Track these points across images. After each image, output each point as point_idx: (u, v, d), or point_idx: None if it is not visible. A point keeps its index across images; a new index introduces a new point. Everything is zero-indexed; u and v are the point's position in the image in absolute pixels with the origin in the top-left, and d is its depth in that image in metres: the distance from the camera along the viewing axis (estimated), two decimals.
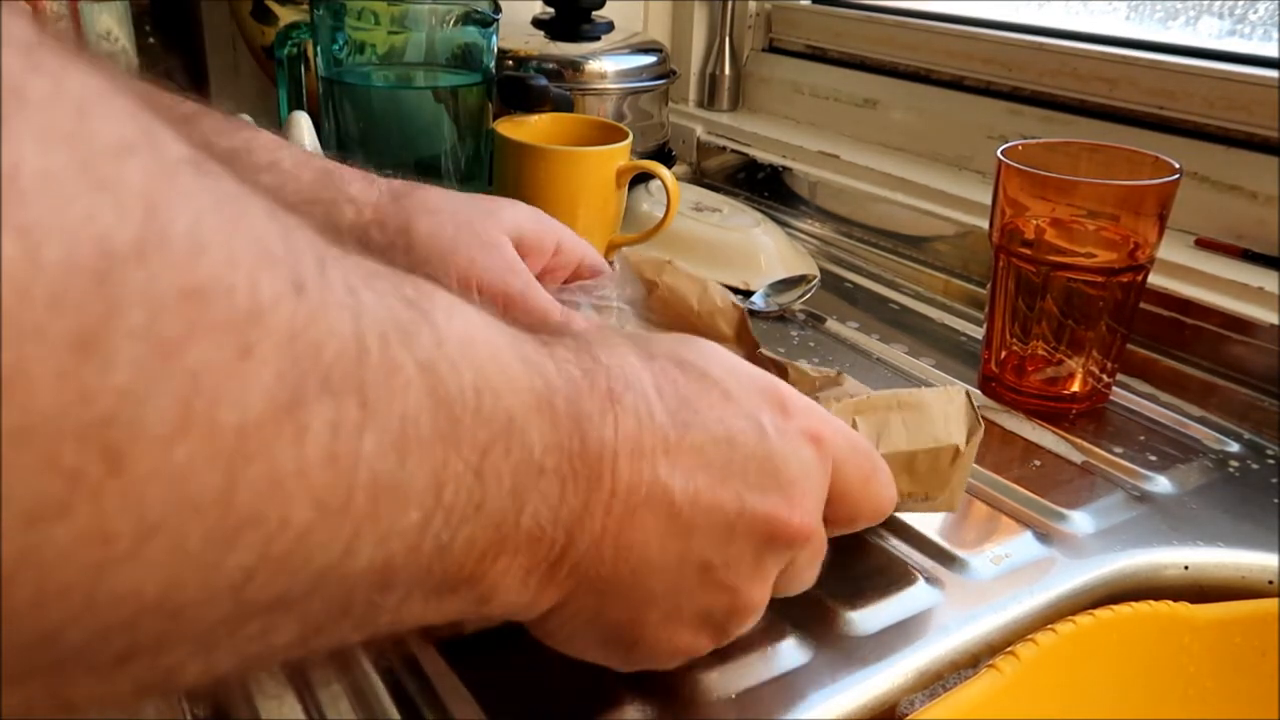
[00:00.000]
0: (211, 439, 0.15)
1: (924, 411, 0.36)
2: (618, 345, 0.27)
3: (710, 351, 0.29)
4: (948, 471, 0.36)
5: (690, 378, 0.27)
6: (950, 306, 0.65)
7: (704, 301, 0.48)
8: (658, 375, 0.26)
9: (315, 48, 0.64)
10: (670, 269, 0.49)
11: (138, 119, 0.16)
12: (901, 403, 0.36)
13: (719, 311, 0.48)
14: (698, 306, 0.48)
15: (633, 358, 0.27)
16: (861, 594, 0.37)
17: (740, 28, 0.94)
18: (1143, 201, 0.47)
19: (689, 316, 0.48)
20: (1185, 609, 0.34)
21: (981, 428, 0.37)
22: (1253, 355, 0.53)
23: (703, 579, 0.27)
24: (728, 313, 0.48)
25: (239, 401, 0.16)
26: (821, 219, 0.80)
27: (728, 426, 0.27)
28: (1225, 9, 0.67)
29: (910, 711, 0.32)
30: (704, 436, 0.26)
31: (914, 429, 0.36)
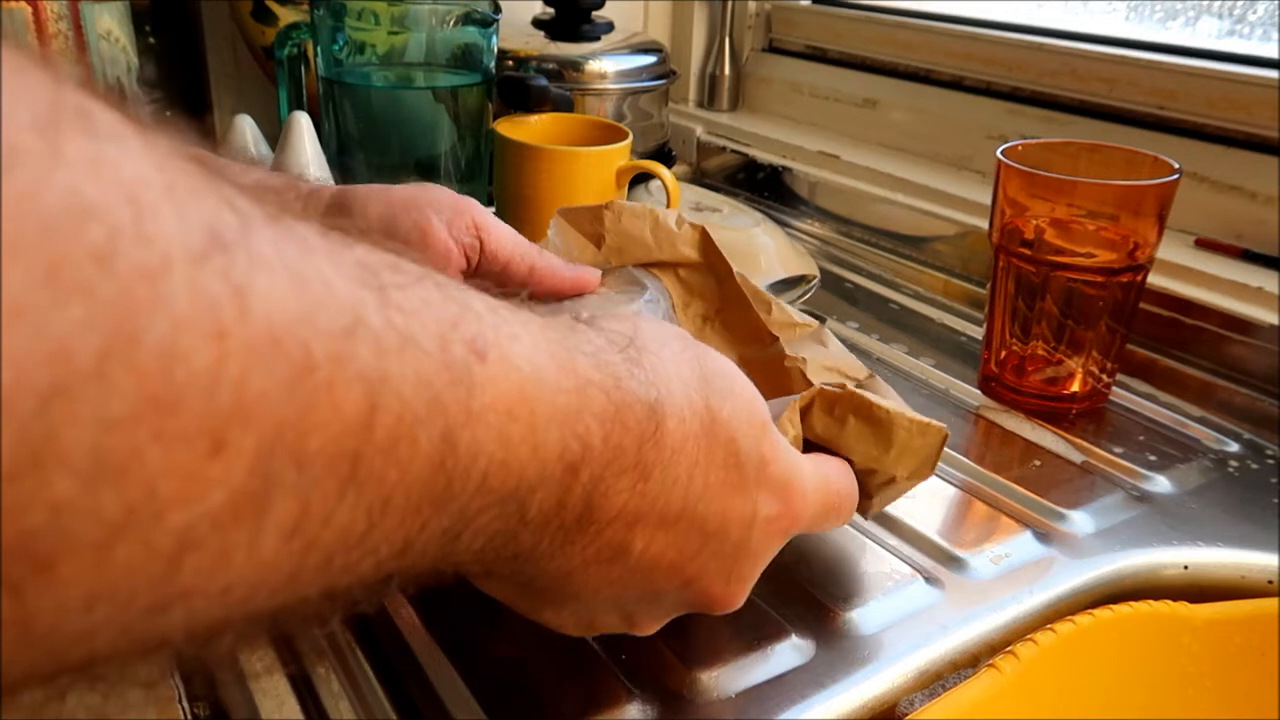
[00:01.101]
0: (155, 540, 0.14)
1: (885, 433, 0.34)
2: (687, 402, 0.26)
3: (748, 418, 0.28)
4: (876, 488, 0.36)
5: (722, 457, 0.27)
6: (950, 306, 0.66)
7: (659, 232, 0.45)
8: (700, 452, 0.26)
9: (315, 48, 0.64)
10: (611, 214, 0.45)
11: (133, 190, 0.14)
12: (871, 414, 0.34)
13: (678, 238, 0.45)
14: (654, 241, 0.45)
15: (695, 424, 0.26)
16: (861, 594, 0.37)
17: (740, 28, 0.95)
18: (1142, 201, 0.47)
19: (649, 255, 0.45)
20: (1185, 609, 0.34)
21: (930, 474, 0.36)
22: (1253, 355, 0.53)
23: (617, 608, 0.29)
24: (687, 236, 0.45)
25: (196, 500, 0.15)
26: (821, 219, 0.80)
27: (724, 518, 0.27)
28: (1225, 9, 0.67)
29: (910, 711, 0.32)
30: (696, 530, 0.27)
31: (863, 443, 0.35)
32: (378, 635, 0.34)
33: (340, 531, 0.17)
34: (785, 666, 0.34)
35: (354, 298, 0.17)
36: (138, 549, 0.14)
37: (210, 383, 0.15)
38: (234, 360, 0.15)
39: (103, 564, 0.14)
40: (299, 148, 0.59)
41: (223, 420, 0.15)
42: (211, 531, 0.15)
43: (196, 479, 0.15)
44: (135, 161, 0.15)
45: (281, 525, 0.16)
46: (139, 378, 0.14)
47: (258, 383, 0.15)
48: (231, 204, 0.16)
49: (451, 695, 0.32)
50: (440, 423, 0.19)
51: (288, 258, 0.16)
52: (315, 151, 0.60)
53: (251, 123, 0.62)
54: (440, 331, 0.19)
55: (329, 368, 0.16)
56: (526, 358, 0.21)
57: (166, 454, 0.14)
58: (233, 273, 0.15)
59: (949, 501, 0.44)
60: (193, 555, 0.15)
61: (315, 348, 0.16)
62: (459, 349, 0.19)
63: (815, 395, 0.34)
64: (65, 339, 0.13)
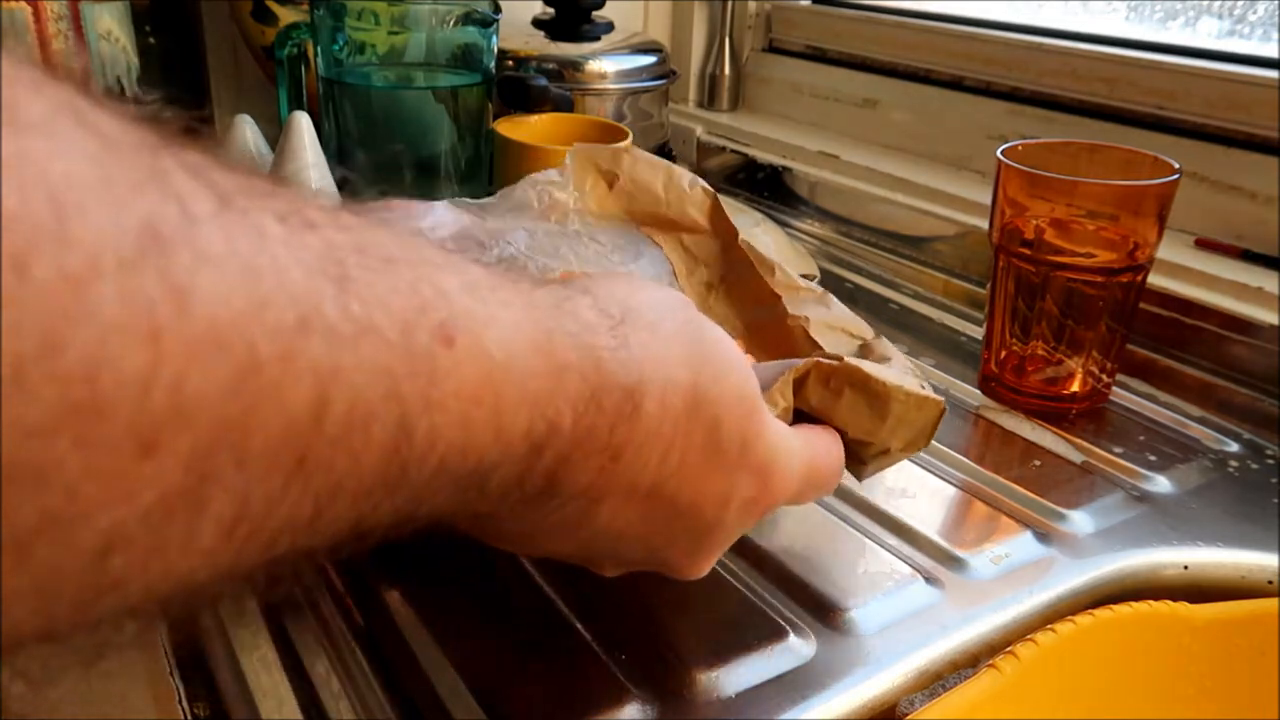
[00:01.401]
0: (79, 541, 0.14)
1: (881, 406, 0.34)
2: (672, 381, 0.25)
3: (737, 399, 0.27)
4: (869, 458, 0.36)
5: (702, 437, 0.26)
6: (950, 306, 0.66)
7: (670, 189, 0.45)
8: (679, 433, 0.26)
9: (315, 48, 0.64)
10: (629, 158, 0.45)
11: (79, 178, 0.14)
12: (868, 387, 0.34)
13: (688, 199, 0.45)
14: (665, 195, 0.45)
15: (678, 404, 0.25)
16: (861, 594, 0.37)
17: (740, 28, 0.94)
18: (1142, 201, 0.47)
19: (658, 209, 0.45)
20: (1185, 609, 0.34)
21: (925, 446, 0.36)
22: (1253, 355, 0.53)
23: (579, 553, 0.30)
24: (698, 200, 0.45)
25: (124, 501, 0.14)
26: (821, 219, 0.80)
27: (697, 497, 0.27)
28: (1225, 9, 0.67)
29: (910, 711, 0.32)
30: (666, 507, 0.27)
31: (859, 416, 0.34)
32: (377, 635, 0.34)
33: (285, 519, 0.17)
34: (785, 666, 0.34)
35: (310, 288, 0.17)
36: (59, 550, 0.14)
37: (141, 387, 0.14)
38: (169, 363, 0.14)
39: (21, 564, 0.14)
40: (299, 148, 0.59)
41: (155, 423, 0.14)
42: (142, 529, 0.15)
43: (123, 480, 0.14)
44: (65, 157, 0.14)
45: (221, 519, 0.16)
46: (61, 386, 0.13)
47: (196, 384, 0.15)
48: (179, 196, 0.15)
49: (451, 695, 0.32)
50: (397, 412, 0.18)
51: (240, 250, 0.16)
52: (315, 151, 0.60)
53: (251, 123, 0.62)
54: (405, 318, 0.19)
55: (277, 365, 0.16)
56: (500, 342, 0.21)
57: (89, 459, 0.14)
58: (172, 271, 0.15)
59: (949, 501, 0.44)
60: (122, 552, 0.15)
61: (262, 345, 0.16)
62: (424, 336, 0.19)
63: (811, 367, 0.33)
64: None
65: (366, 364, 0.18)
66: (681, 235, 0.45)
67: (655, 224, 0.45)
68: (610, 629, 0.35)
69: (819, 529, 0.41)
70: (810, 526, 0.41)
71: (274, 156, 0.60)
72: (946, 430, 0.49)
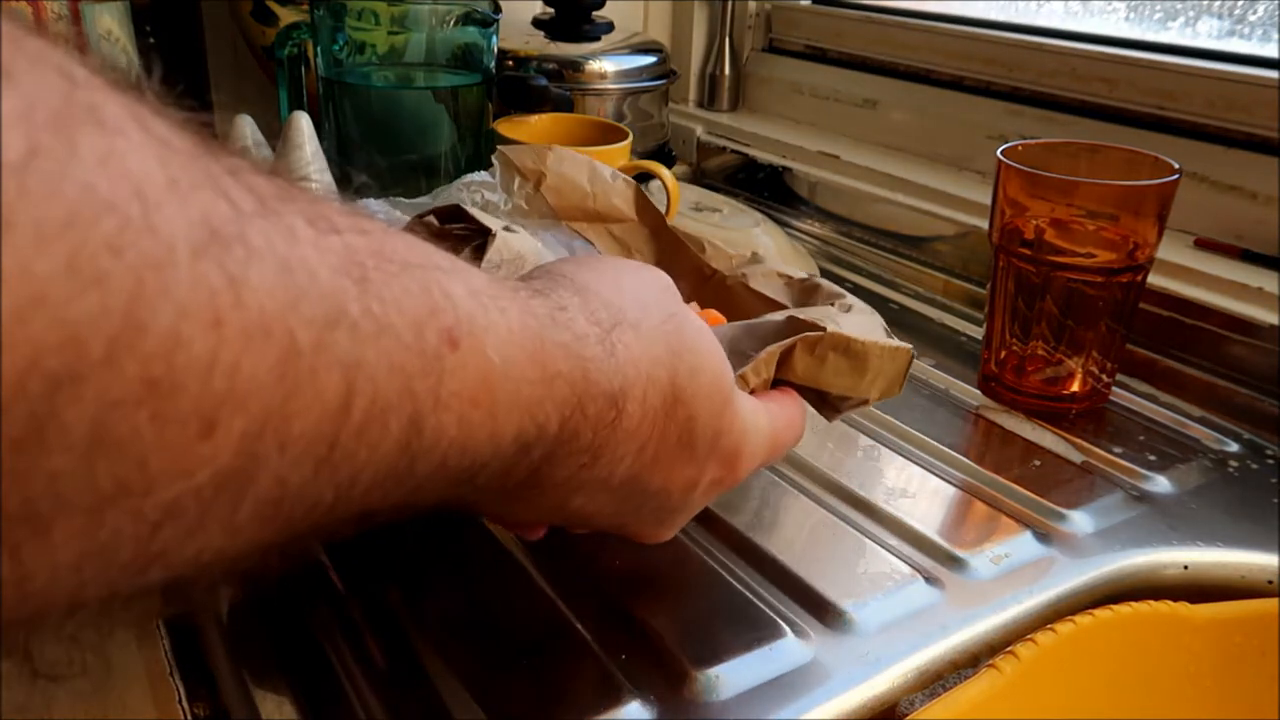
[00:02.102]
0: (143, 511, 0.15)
1: (861, 364, 0.36)
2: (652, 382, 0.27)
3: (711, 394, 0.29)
4: (846, 407, 0.38)
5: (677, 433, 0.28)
6: (950, 306, 0.66)
7: (595, 183, 0.46)
8: (656, 430, 0.28)
9: (315, 48, 0.64)
10: (553, 155, 0.47)
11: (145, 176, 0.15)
12: (849, 349, 0.36)
13: (613, 191, 0.46)
14: (590, 189, 0.46)
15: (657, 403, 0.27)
16: (861, 594, 0.37)
17: (740, 28, 0.94)
18: (1142, 201, 0.47)
19: (584, 203, 0.46)
20: (1185, 609, 0.34)
21: (900, 390, 0.38)
22: (1253, 355, 0.53)
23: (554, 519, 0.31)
24: (621, 190, 0.46)
25: (183, 476, 0.16)
26: (821, 219, 0.80)
27: (667, 483, 0.29)
28: (1225, 9, 0.67)
29: (910, 711, 0.32)
30: (638, 492, 0.29)
31: (841, 376, 0.36)
32: (377, 635, 0.34)
33: (309, 505, 0.18)
34: (785, 666, 0.34)
35: (336, 287, 0.18)
36: (125, 518, 0.15)
37: (206, 368, 0.15)
38: (229, 347, 0.16)
39: (93, 529, 0.15)
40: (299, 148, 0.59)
41: (216, 403, 0.15)
42: (195, 504, 0.16)
43: (187, 457, 0.15)
44: (140, 155, 0.15)
45: (260, 500, 0.17)
46: (143, 363, 0.14)
47: (249, 368, 0.16)
48: (228, 196, 0.17)
49: (451, 695, 0.32)
50: (410, 408, 0.20)
51: (277, 248, 0.17)
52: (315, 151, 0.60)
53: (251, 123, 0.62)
54: (417, 320, 0.20)
55: (312, 355, 0.17)
56: (498, 348, 0.22)
57: (161, 434, 0.15)
58: (228, 263, 0.16)
59: (949, 501, 0.44)
60: (173, 525, 0.16)
61: (300, 335, 0.17)
62: (433, 338, 0.20)
63: (799, 342, 0.35)
64: (80, 326, 0.14)
65: (385, 360, 0.19)
66: (610, 226, 0.47)
67: (583, 217, 0.47)
68: (610, 629, 0.35)
69: (819, 529, 0.41)
70: (810, 526, 0.41)
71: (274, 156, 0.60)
72: (947, 430, 0.49)
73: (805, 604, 0.37)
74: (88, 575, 0.15)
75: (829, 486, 0.44)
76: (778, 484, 0.44)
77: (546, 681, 0.32)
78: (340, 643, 0.34)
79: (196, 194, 0.16)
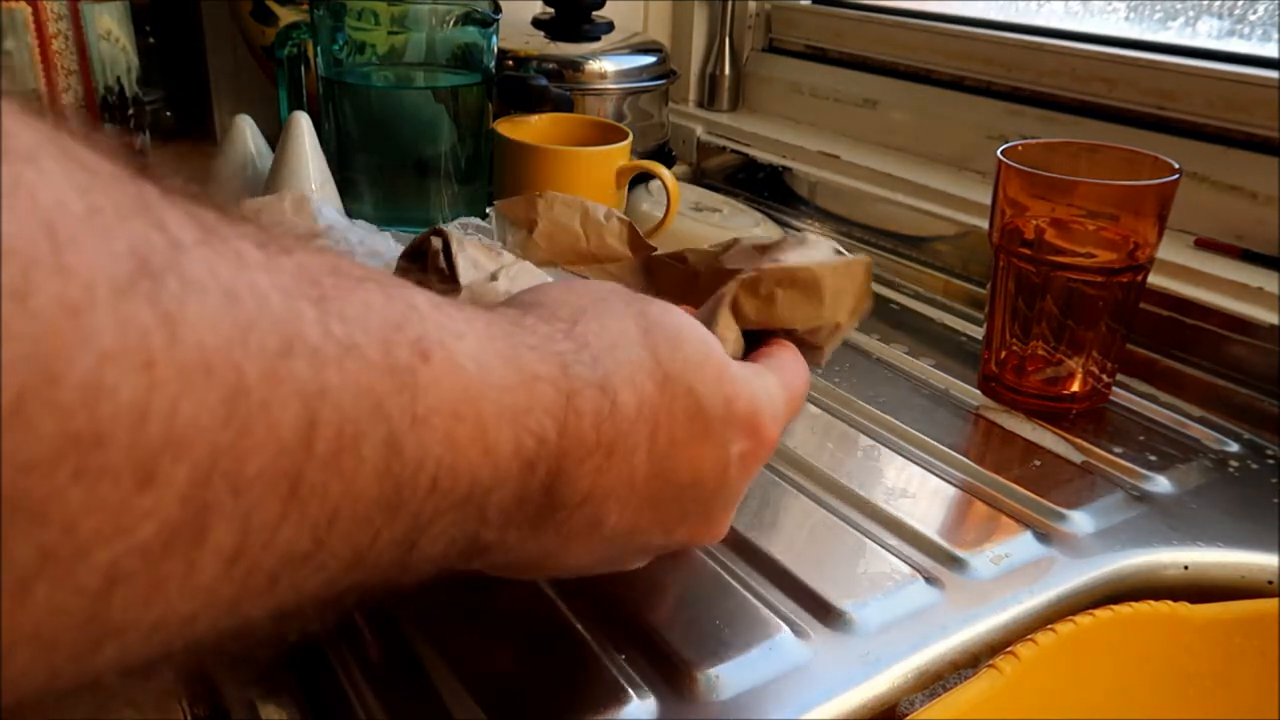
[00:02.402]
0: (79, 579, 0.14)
1: (814, 290, 0.35)
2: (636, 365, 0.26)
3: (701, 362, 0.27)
4: (824, 339, 0.37)
5: (683, 409, 0.27)
6: (950, 306, 0.65)
7: (588, 225, 0.46)
8: (660, 412, 0.26)
9: (315, 48, 0.64)
10: (544, 202, 0.47)
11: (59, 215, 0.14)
12: (795, 279, 0.35)
13: (606, 231, 0.46)
14: (583, 231, 0.46)
15: (649, 385, 0.26)
16: (861, 594, 0.37)
17: (740, 28, 0.94)
18: (1142, 201, 0.47)
19: (578, 245, 0.46)
20: (1185, 609, 0.34)
21: (868, 305, 0.37)
22: (1253, 355, 0.53)
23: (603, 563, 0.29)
24: (615, 229, 0.46)
25: (123, 535, 0.14)
26: (821, 219, 0.80)
27: (696, 467, 0.27)
28: (1225, 9, 0.67)
29: (910, 711, 0.32)
30: (670, 487, 0.27)
31: (798, 308, 0.35)
32: (377, 635, 0.34)
33: (284, 552, 0.17)
34: (785, 666, 0.34)
35: (291, 311, 0.17)
36: (59, 590, 0.14)
37: (138, 415, 0.14)
38: (164, 390, 0.14)
39: (21, 606, 0.13)
40: (299, 148, 0.59)
41: (152, 452, 0.14)
42: (143, 564, 0.15)
43: (123, 514, 0.14)
44: (54, 185, 0.14)
45: (220, 551, 0.16)
46: (60, 417, 0.13)
47: (189, 411, 0.15)
48: (162, 225, 0.15)
49: (451, 696, 0.32)
50: (383, 430, 0.18)
51: (221, 276, 0.16)
52: (315, 151, 0.60)
53: (251, 123, 0.62)
54: (384, 336, 0.19)
55: (264, 388, 0.16)
56: (472, 356, 0.21)
57: (89, 492, 0.14)
58: (161, 299, 0.15)
59: (949, 501, 0.44)
60: (123, 590, 0.15)
61: (249, 369, 0.16)
62: (403, 352, 0.19)
63: (737, 287, 0.34)
64: None
65: (351, 383, 0.18)
66: (606, 265, 0.47)
67: (578, 260, 0.47)
68: (610, 629, 0.35)
69: (819, 529, 0.41)
70: (810, 526, 0.41)
71: (274, 156, 0.60)
72: (947, 430, 0.49)
73: (805, 604, 0.37)
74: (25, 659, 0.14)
75: (829, 486, 0.44)
76: (778, 484, 0.44)
77: (546, 681, 0.32)
78: (340, 643, 0.34)
79: (124, 224, 0.15)
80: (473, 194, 0.67)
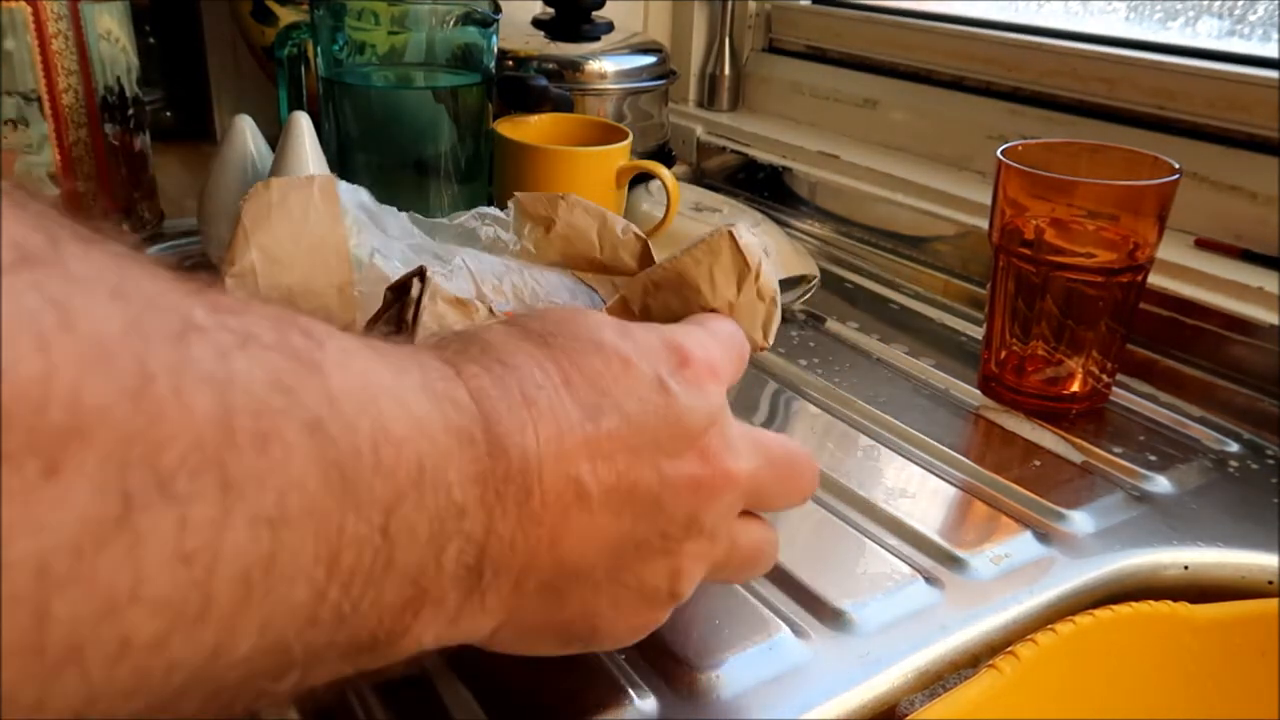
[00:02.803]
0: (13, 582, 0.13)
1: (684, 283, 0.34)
2: (518, 343, 0.26)
3: (595, 320, 0.27)
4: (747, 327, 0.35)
5: (589, 353, 0.26)
6: (950, 306, 0.65)
7: (605, 236, 0.46)
8: (562, 363, 0.25)
9: (315, 48, 0.64)
10: (565, 205, 0.47)
11: None
12: (658, 283, 0.34)
13: (621, 244, 0.46)
14: (599, 242, 0.46)
15: (536, 351, 0.25)
16: (861, 594, 0.37)
17: (740, 28, 0.94)
18: (1142, 201, 0.47)
19: (593, 254, 0.46)
20: (1185, 609, 0.34)
21: (755, 264, 0.35)
22: (1253, 355, 0.53)
23: (641, 555, 0.26)
24: (629, 245, 0.46)
25: (40, 529, 0.14)
26: (821, 219, 0.80)
27: (637, 397, 0.26)
28: (1225, 9, 0.67)
29: (910, 711, 0.32)
30: (617, 418, 0.25)
31: (675, 307, 0.34)
32: None
33: (242, 552, 0.16)
34: (785, 666, 0.34)
35: (180, 305, 0.17)
36: None
37: (39, 398, 0.14)
38: (62, 374, 0.14)
39: None
40: (299, 148, 0.59)
41: (57, 438, 0.14)
42: (78, 564, 0.14)
43: (33, 503, 0.14)
44: None
45: (166, 549, 0.15)
46: None
47: (92, 396, 0.14)
48: (43, 227, 0.15)
49: (451, 696, 0.32)
50: (302, 413, 0.18)
51: (105, 274, 0.16)
52: (315, 151, 0.60)
53: (251, 123, 0.62)
54: (276, 325, 0.19)
55: (170, 376, 0.16)
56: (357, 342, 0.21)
57: None
58: (48, 287, 0.14)
59: (949, 501, 0.44)
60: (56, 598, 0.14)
61: (150, 357, 0.15)
62: (298, 338, 0.19)
63: (619, 301, 0.34)
64: None
65: (258, 369, 0.17)
66: (614, 279, 0.47)
67: (590, 268, 0.47)
68: None
69: (819, 529, 0.41)
70: (810, 526, 0.41)
71: (274, 156, 0.60)
72: (947, 430, 0.49)
73: (805, 604, 0.37)
74: None
75: (829, 486, 0.44)
76: None
77: (547, 681, 0.32)
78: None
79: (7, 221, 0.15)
80: (473, 194, 0.67)
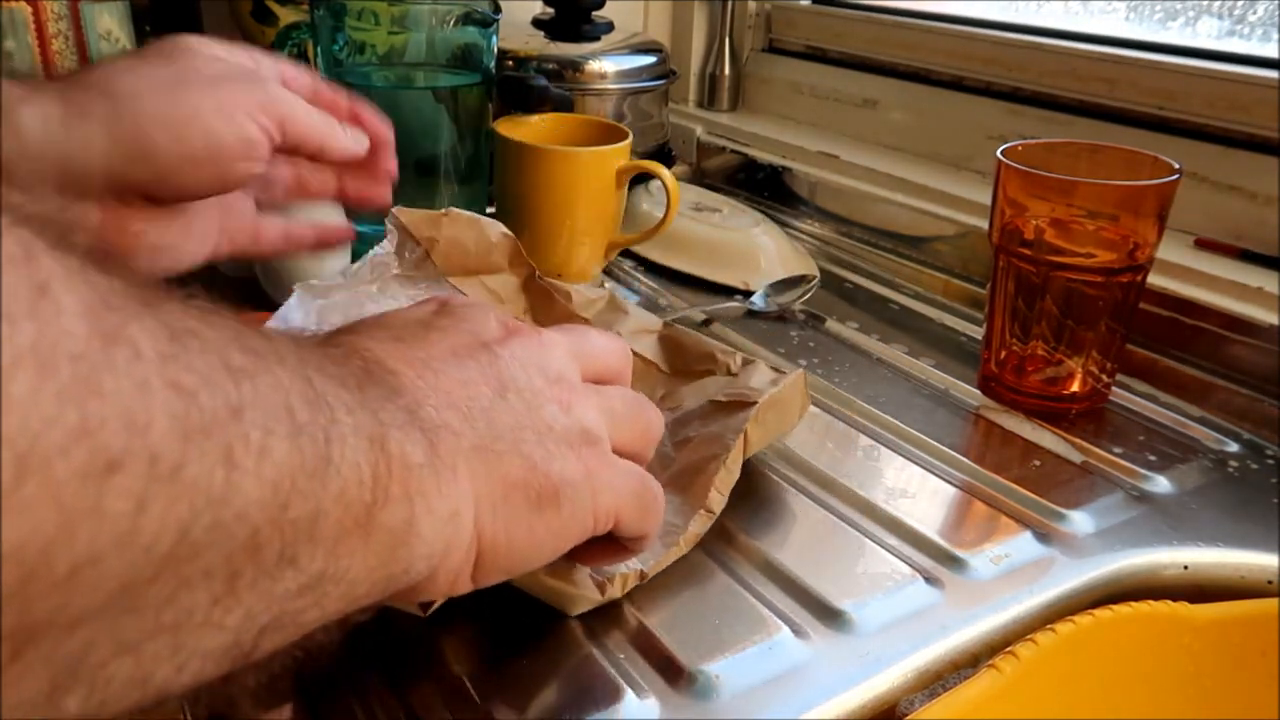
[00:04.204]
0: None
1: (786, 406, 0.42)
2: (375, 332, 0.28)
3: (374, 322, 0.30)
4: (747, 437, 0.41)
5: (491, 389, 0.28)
6: (950, 306, 0.65)
7: (479, 243, 0.50)
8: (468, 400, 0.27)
9: (315, 48, 0.64)
10: (446, 220, 0.49)
11: None
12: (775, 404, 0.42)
13: (494, 247, 0.50)
14: (472, 249, 0.49)
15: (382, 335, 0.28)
16: (861, 594, 0.37)
17: (740, 28, 0.94)
18: (1142, 201, 0.47)
19: (468, 261, 0.50)
20: (1185, 609, 0.34)
21: None
22: (1252, 355, 0.53)
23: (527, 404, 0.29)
24: (502, 246, 0.50)
25: None
26: (821, 219, 0.80)
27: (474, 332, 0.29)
28: (1225, 9, 0.67)
29: (910, 711, 0.32)
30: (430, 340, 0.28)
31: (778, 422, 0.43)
32: (377, 635, 0.34)
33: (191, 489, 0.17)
34: (785, 666, 0.34)
35: None
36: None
37: None
38: None
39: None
40: None
41: None
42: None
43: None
44: None
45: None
46: None
47: None
48: None
49: (451, 696, 0.32)
50: None
51: None
52: None
53: None
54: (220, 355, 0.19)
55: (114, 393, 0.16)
56: None
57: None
58: None
59: (949, 501, 0.44)
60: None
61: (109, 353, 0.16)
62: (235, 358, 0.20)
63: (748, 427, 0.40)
64: None
65: None
66: (483, 278, 0.50)
67: (463, 273, 0.50)
68: (610, 629, 0.35)
69: (819, 529, 0.41)
70: (810, 526, 0.41)
71: None
72: (947, 430, 0.49)
73: (805, 603, 0.37)
74: None
75: (829, 486, 0.44)
76: (778, 484, 0.44)
77: (547, 681, 0.32)
78: (340, 643, 0.34)
79: None
80: (473, 194, 0.67)
